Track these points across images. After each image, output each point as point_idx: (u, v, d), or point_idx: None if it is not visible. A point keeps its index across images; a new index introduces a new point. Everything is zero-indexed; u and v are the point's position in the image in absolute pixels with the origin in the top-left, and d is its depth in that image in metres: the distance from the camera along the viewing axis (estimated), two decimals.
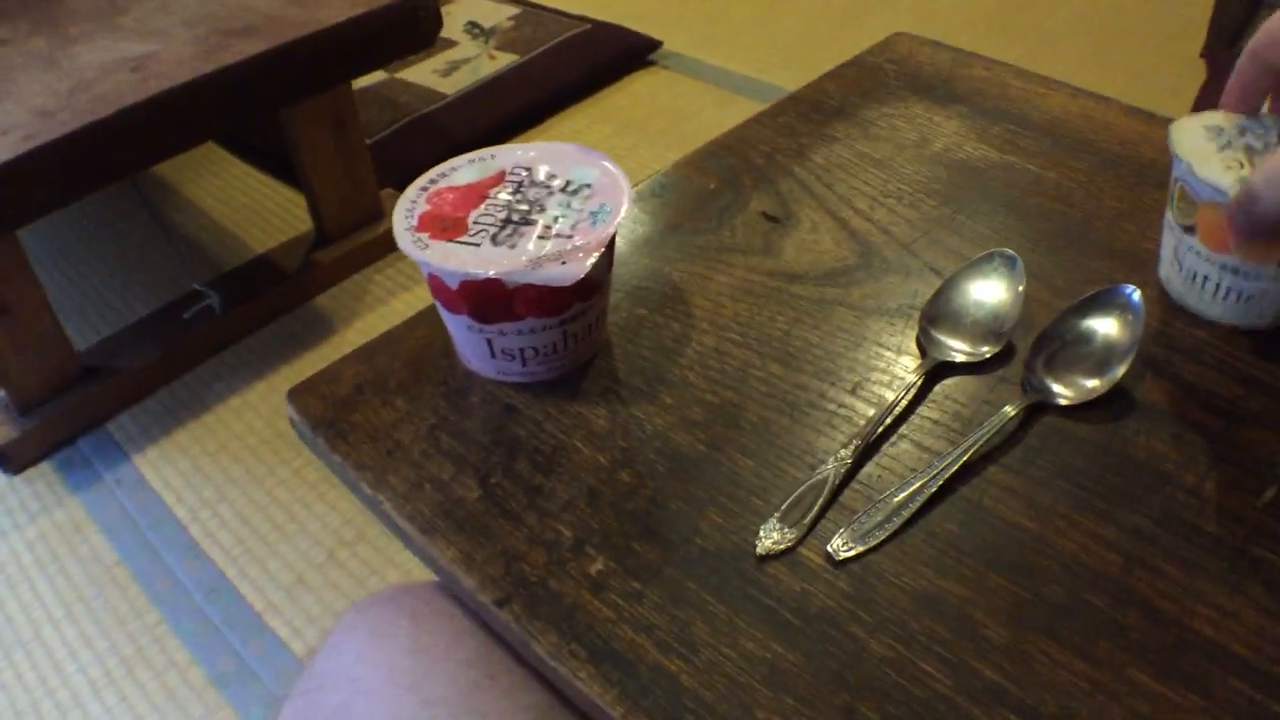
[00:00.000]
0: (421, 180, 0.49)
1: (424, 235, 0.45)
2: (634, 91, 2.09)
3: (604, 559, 0.41)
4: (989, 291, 0.50)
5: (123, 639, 1.18)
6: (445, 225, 0.46)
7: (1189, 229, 0.48)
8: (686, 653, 0.37)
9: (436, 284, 0.45)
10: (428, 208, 0.47)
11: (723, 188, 0.61)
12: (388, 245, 1.69)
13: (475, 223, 0.46)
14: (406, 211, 0.47)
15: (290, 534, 1.27)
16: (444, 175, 0.49)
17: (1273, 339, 0.48)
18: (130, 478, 1.36)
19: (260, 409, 1.44)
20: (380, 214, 1.70)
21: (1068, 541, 0.40)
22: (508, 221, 0.46)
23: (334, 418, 0.49)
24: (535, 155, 0.50)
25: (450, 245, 0.45)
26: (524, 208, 0.47)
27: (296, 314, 1.60)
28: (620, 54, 2.16)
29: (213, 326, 1.53)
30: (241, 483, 1.34)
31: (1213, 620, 0.37)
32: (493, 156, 0.50)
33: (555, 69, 2.10)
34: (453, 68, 2.14)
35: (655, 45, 2.19)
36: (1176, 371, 0.47)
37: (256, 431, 1.41)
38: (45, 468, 1.39)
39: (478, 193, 0.48)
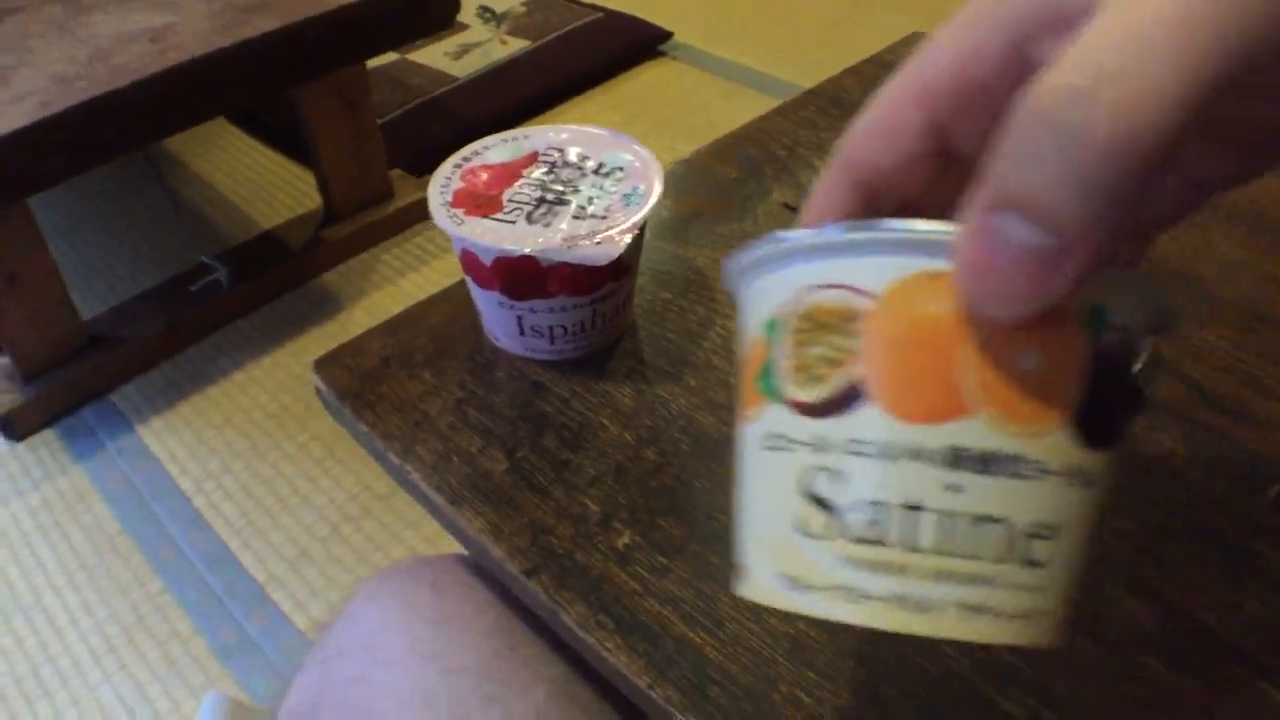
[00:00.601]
0: (455, 158, 0.50)
1: (459, 211, 0.46)
2: (644, 81, 2.10)
3: (630, 533, 0.42)
4: None
5: (124, 608, 1.19)
6: (480, 202, 0.47)
7: (851, 399, 0.22)
8: (711, 626, 0.38)
9: (469, 259, 0.46)
10: (462, 184, 0.48)
11: (745, 178, 0.62)
12: (396, 225, 1.69)
13: (510, 201, 0.47)
14: (441, 187, 0.48)
15: (294, 507, 1.28)
16: (477, 154, 0.50)
17: (1270, 344, 0.49)
18: (133, 447, 1.37)
19: (266, 384, 1.45)
20: (390, 194, 1.70)
21: None
22: (542, 201, 0.47)
23: (361, 389, 0.49)
24: (567, 137, 0.51)
25: (485, 221, 0.46)
26: (558, 188, 0.48)
27: (303, 291, 1.61)
28: (631, 44, 2.16)
29: (219, 300, 1.54)
30: (245, 456, 1.35)
31: (1217, 612, 0.38)
32: (525, 137, 0.51)
33: (566, 56, 2.11)
34: (464, 51, 2.14)
35: (666, 36, 2.20)
36: (1185, 371, 0.48)
37: (262, 405, 1.42)
38: (48, 435, 1.40)
39: (511, 172, 0.49)
